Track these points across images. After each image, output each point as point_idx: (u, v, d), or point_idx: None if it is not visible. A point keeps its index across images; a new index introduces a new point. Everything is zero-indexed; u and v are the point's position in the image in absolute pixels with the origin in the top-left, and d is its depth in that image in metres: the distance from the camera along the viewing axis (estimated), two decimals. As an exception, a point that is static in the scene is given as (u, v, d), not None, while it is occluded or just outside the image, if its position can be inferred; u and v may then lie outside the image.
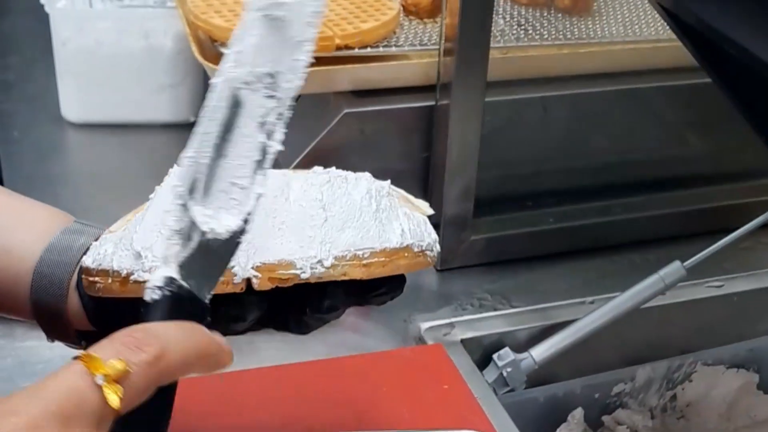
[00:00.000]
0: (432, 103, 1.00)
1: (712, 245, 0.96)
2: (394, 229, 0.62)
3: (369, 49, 1.01)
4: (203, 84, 1.28)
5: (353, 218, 0.61)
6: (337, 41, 0.99)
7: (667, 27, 0.97)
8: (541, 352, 0.94)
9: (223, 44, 0.99)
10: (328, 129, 1.00)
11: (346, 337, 0.96)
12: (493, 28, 1.07)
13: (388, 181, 0.66)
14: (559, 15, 1.12)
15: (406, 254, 0.62)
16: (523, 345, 0.96)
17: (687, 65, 1.09)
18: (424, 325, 0.96)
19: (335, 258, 0.59)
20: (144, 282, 0.56)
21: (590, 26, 1.11)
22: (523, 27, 1.09)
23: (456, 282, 1.04)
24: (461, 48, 0.93)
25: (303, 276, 0.59)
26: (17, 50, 1.48)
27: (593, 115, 1.09)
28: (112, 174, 1.23)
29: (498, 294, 1.03)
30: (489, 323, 0.98)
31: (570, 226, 1.09)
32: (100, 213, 1.12)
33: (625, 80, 1.10)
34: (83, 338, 0.65)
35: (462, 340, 0.95)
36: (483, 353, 0.96)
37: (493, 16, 1.09)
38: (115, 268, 0.59)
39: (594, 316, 0.95)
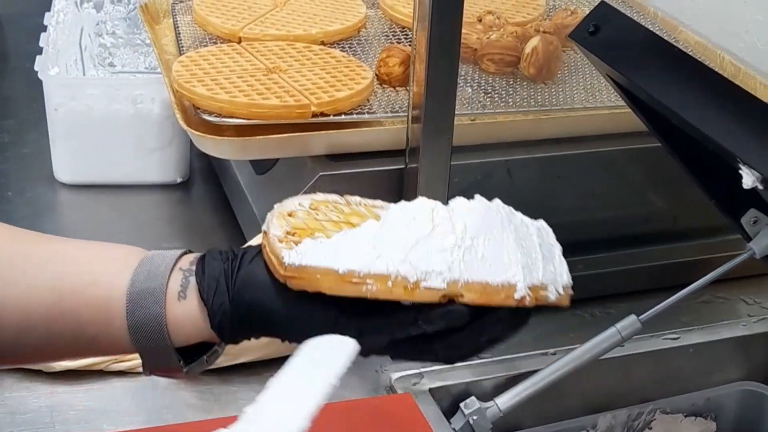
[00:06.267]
0: (402, 166, 1.06)
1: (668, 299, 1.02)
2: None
3: (343, 116, 1.08)
4: (189, 147, 1.35)
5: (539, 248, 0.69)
6: (313, 109, 1.06)
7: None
8: (506, 400, 0.99)
9: (205, 112, 1.06)
10: (304, 191, 1.05)
11: (321, 387, 1.01)
12: (461, 96, 1.14)
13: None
14: (525, 83, 1.19)
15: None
16: (489, 394, 1.01)
17: (644, 129, 1.16)
18: (395, 375, 1.02)
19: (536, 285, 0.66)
20: (435, 290, 0.62)
21: (554, 93, 1.18)
22: (489, 95, 1.16)
23: (426, 334, 1.10)
24: (428, 115, 0.99)
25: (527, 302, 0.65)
26: (13, 114, 1.55)
27: (556, 177, 1.15)
28: (102, 232, 1.29)
29: (466, 346, 1.08)
30: (456, 373, 1.03)
31: (534, 281, 1.15)
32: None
33: (586, 144, 1.16)
34: (183, 358, 0.67)
35: (430, 390, 1.00)
36: (451, 402, 1.02)
37: (462, 84, 1.16)
38: (402, 273, 0.62)
39: (556, 366, 1.00)
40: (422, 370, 1.03)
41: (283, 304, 0.64)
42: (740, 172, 0.77)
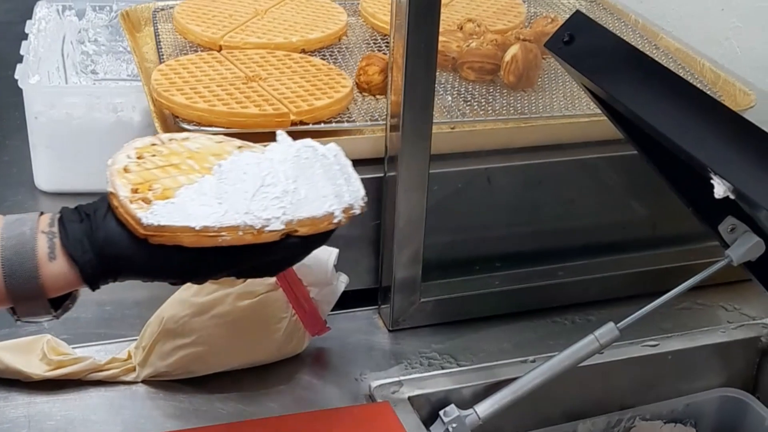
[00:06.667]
0: (381, 174, 1.07)
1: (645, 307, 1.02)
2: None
3: (322, 125, 1.08)
4: (169, 155, 1.34)
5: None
6: (292, 117, 1.06)
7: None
8: (485, 408, 0.99)
9: (184, 120, 1.06)
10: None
11: (301, 395, 1.01)
12: (441, 105, 1.14)
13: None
14: (504, 91, 1.20)
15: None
16: (469, 402, 1.01)
17: (622, 137, 1.17)
18: (374, 383, 1.02)
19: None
20: (276, 231, 0.77)
21: (533, 101, 1.19)
22: (469, 103, 1.17)
23: (406, 342, 1.10)
24: (406, 123, 1.00)
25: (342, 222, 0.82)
26: (-6, 122, 1.55)
27: (536, 185, 1.15)
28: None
29: (446, 353, 1.08)
30: (436, 381, 1.04)
31: (514, 288, 1.15)
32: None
33: (565, 151, 1.16)
34: (53, 307, 0.79)
35: (409, 398, 1.00)
36: (430, 410, 1.02)
37: (442, 92, 1.17)
38: (249, 223, 0.76)
39: (535, 373, 1.00)
40: (401, 378, 1.03)
41: (144, 255, 0.76)
42: (712, 182, 0.78)
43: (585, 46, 0.87)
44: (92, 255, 0.76)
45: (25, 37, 1.42)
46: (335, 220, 0.81)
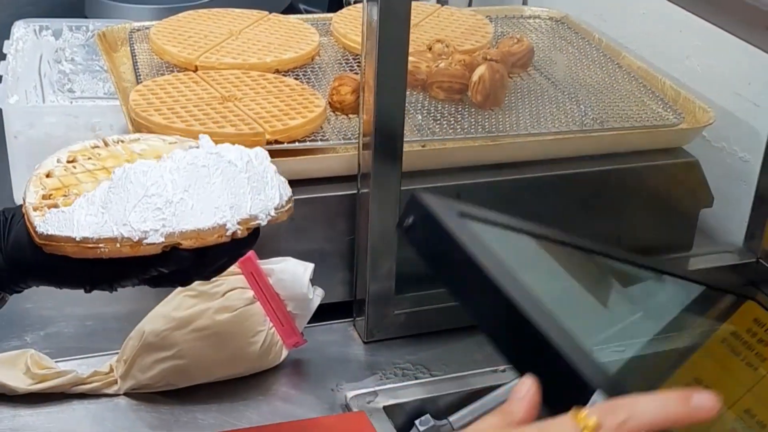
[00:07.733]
0: (355, 191, 1.10)
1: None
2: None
3: (297, 144, 1.11)
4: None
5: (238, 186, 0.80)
6: (267, 137, 1.09)
7: (569, 120, 1.07)
8: (459, 418, 1.02)
9: (163, 141, 1.09)
10: (259, 216, 1.09)
11: (279, 406, 1.04)
12: (411, 123, 1.18)
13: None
14: (472, 110, 1.23)
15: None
16: (443, 411, 1.04)
17: (587, 154, 1.20)
18: (350, 394, 1.05)
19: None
20: (156, 244, 0.75)
21: (501, 119, 1.22)
22: (438, 121, 1.20)
23: (381, 353, 1.13)
24: (377, 142, 1.03)
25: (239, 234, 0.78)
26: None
27: (502, 200, 1.19)
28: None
29: (419, 364, 1.12)
30: (411, 391, 1.07)
31: (484, 300, 1.18)
32: (51, 296, 1.20)
33: (532, 168, 1.20)
34: None
35: (384, 407, 1.03)
36: (405, 419, 1.05)
37: (412, 111, 1.20)
38: (126, 235, 0.74)
39: (508, 385, 1.04)
40: (377, 388, 1.06)
41: (46, 262, 0.77)
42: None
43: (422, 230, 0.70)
44: (1, 258, 0.79)
45: (3, 57, 1.44)
46: (228, 233, 0.77)
